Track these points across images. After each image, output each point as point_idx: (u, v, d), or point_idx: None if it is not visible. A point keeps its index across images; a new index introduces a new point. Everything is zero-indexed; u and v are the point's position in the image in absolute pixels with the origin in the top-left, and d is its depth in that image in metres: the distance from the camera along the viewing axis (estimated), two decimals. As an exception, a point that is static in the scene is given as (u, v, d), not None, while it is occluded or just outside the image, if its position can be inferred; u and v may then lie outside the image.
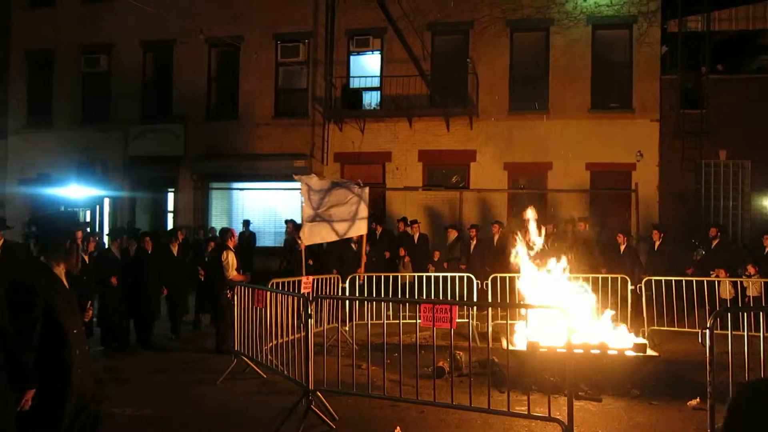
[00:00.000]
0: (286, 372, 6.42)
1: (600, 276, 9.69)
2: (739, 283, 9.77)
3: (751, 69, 16.65)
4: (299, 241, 10.96)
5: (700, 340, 4.65)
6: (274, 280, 7.98)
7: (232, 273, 8.51)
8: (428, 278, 10.06)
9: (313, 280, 8.69)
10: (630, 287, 9.55)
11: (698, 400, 6.20)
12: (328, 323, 8.76)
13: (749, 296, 9.59)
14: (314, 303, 5.77)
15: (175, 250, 9.77)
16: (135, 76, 18.10)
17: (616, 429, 5.71)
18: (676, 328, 9.30)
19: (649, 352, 7.18)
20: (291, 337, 6.50)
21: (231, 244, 8.73)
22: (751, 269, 10.11)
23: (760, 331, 5.04)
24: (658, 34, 15.16)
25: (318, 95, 16.68)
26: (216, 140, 17.19)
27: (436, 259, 12.10)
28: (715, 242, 11.54)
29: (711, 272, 10.35)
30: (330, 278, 9.59)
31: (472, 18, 15.94)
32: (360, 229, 10.06)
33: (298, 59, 17.02)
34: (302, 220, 9.79)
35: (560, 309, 4.90)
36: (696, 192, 14.89)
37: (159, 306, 9.73)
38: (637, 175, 15.04)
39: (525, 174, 15.89)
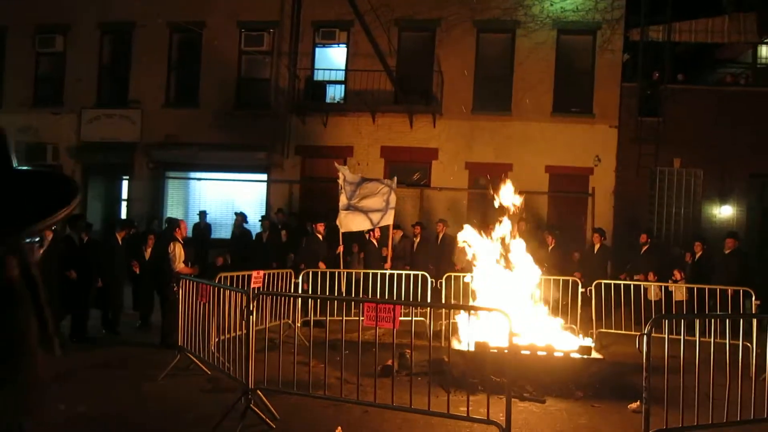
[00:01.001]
0: (227, 369, 6.26)
1: (552, 278, 9.78)
2: (664, 287, 10.09)
3: (709, 81, 17.13)
4: (318, 234, 10.90)
5: (637, 346, 4.68)
6: (222, 274, 7.79)
7: (180, 265, 8.26)
8: (382, 275, 9.98)
9: (264, 274, 8.52)
10: (581, 289, 9.67)
11: (638, 403, 6.27)
12: (279, 319, 8.60)
13: (676, 300, 9.92)
14: (256, 299, 5.61)
15: (120, 240, 9.37)
16: (91, 58, 17.46)
17: (557, 431, 5.74)
18: (623, 331, 9.47)
19: (594, 354, 7.28)
20: (237, 333, 6.34)
21: (179, 235, 8.47)
22: (677, 274, 10.55)
23: (695, 336, 5.12)
24: (621, 41, 15.41)
25: (281, 86, 16.41)
26: (174, 128, 16.75)
27: (384, 254, 12.08)
28: (645, 248, 12.00)
29: (635, 276, 10.86)
30: (283, 273, 9.43)
31: (439, 16, 15.90)
32: (388, 219, 10.75)
33: (262, 48, 16.72)
34: (339, 209, 10.32)
35: (502, 312, 4.88)
36: (650, 198, 15.20)
37: (93, 297, 9.39)
38: (594, 179, 15.29)
39: (486, 174, 15.95)
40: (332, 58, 16.91)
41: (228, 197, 16.80)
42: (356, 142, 16.12)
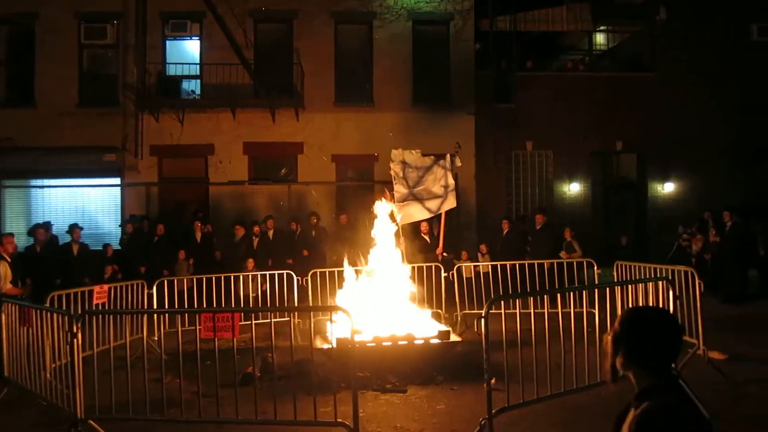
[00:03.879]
0: (66, 397, 5.64)
1: (416, 265, 9.95)
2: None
3: (554, 68, 18.36)
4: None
5: (476, 329, 4.83)
6: (54, 293, 7.04)
7: (6, 286, 7.37)
8: (245, 278, 9.61)
9: (109, 288, 7.84)
10: (443, 274, 9.93)
11: (494, 380, 6.52)
12: (133, 334, 7.97)
13: (483, 273, 10.50)
14: (81, 319, 5.09)
15: None
16: None
17: (416, 420, 5.79)
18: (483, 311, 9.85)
19: (453, 337, 7.47)
20: (66, 360, 5.72)
21: (4, 252, 7.54)
22: (483, 248, 11.94)
23: (530, 309, 5.40)
24: (472, 31, 16.01)
25: (129, 82, 15.28)
26: (8, 131, 15.00)
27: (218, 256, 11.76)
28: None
29: (440, 255, 11.02)
30: (134, 285, 8.74)
31: (296, 7, 15.59)
32: (451, 202, 9.47)
33: (105, 42, 15.48)
34: (395, 201, 9.08)
35: (344, 311, 4.80)
36: (507, 180, 16.06)
37: None
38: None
39: (353, 166, 15.98)
40: (187, 52, 16.05)
41: (77, 205, 15.41)
42: (216, 139, 15.43)
